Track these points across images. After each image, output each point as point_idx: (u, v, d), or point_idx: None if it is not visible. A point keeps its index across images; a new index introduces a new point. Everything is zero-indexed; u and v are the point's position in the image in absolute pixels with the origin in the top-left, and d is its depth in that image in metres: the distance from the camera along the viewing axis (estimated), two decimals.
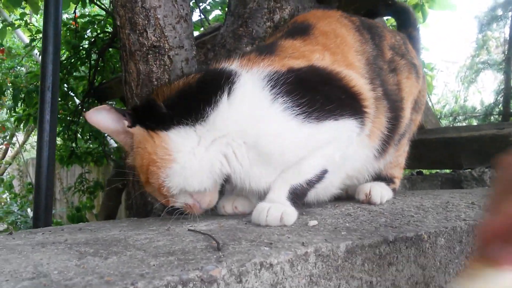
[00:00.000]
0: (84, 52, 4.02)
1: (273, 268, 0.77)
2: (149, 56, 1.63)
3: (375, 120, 1.24)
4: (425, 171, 2.66)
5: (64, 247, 0.87)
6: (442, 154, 2.37)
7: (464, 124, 6.22)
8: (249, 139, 1.07)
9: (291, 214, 1.06)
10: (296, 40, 1.26)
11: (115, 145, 4.37)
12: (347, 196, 1.51)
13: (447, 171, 2.66)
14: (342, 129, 1.11)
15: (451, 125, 5.60)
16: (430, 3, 4.07)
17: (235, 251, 0.81)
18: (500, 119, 5.27)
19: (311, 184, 1.13)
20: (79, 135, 4.27)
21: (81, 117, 3.83)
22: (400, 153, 1.49)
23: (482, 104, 6.77)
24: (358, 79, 1.19)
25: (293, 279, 0.79)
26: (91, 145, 4.59)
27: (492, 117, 5.60)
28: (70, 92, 4.24)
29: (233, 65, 1.14)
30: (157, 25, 1.63)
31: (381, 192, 1.36)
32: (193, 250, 0.83)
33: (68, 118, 4.09)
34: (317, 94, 1.09)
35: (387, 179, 1.48)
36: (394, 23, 2.03)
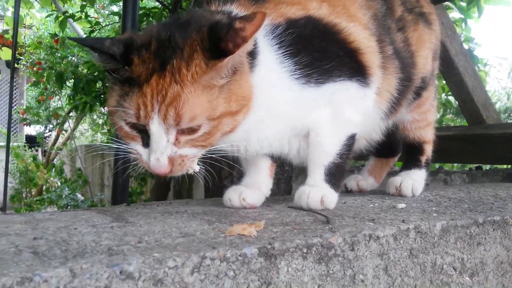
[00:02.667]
0: None
1: (380, 240, 0.86)
2: None
3: (383, 79, 1.16)
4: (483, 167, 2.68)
5: (188, 215, 1.00)
6: (504, 149, 2.38)
7: None
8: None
9: (331, 197, 1.08)
10: None
11: None
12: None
13: (507, 166, 2.67)
14: (341, 91, 1.07)
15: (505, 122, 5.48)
16: None
17: (343, 224, 0.91)
18: None
19: (343, 156, 1.11)
20: None
21: None
22: (426, 107, 1.41)
23: None
24: (358, 32, 1.10)
25: (396, 251, 0.88)
26: None
27: None
28: None
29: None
30: None
31: (413, 185, 1.32)
32: (304, 223, 0.93)
33: None
34: (316, 53, 1.03)
35: (416, 149, 1.41)
36: None
